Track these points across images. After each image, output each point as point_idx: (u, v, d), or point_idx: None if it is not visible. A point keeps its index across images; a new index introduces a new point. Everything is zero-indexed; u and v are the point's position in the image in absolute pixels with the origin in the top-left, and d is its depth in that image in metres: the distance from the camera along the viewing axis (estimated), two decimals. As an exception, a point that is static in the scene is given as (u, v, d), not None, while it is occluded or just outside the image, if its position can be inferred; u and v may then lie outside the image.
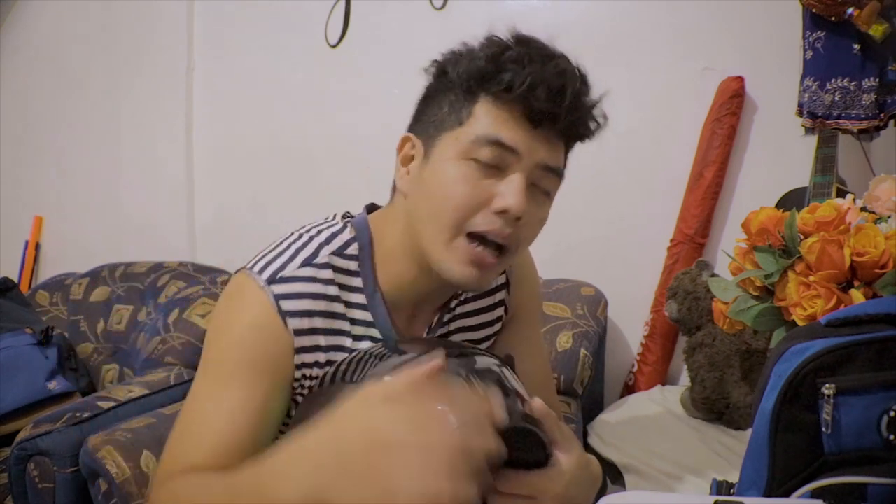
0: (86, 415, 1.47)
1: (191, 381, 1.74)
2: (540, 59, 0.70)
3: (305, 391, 0.79)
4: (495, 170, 0.72)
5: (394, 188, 0.83)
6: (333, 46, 2.18)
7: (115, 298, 2.10)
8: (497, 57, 0.71)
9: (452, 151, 0.73)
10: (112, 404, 1.53)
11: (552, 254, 1.89)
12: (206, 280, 2.04)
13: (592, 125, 0.77)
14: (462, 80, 0.73)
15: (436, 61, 0.78)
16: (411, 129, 0.80)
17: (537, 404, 0.61)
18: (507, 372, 0.71)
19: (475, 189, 0.72)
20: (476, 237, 0.73)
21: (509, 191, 0.71)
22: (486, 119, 0.72)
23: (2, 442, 1.61)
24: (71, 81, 2.61)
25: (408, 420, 0.50)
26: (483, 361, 0.70)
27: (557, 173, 0.76)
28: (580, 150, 2.14)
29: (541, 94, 0.69)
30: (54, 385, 1.76)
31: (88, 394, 1.76)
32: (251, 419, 0.72)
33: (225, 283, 0.79)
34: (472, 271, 0.73)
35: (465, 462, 0.49)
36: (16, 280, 2.38)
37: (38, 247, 2.71)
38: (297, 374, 0.77)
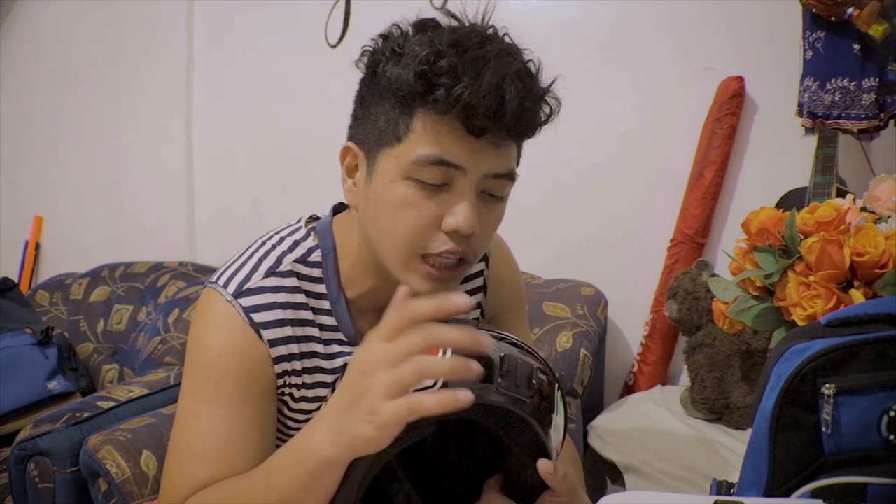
0: (86, 415, 1.47)
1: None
2: (475, 68, 0.64)
3: (287, 398, 0.79)
4: (442, 186, 0.68)
5: None
6: (333, 46, 2.18)
7: (115, 298, 2.10)
8: (427, 72, 0.65)
9: (394, 171, 0.69)
10: (112, 404, 1.53)
11: (552, 254, 1.89)
12: (205, 280, 2.04)
13: (542, 117, 0.71)
14: (394, 90, 0.67)
15: (366, 51, 0.73)
16: (351, 135, 0.76)
17: (543, 466, 0.60)
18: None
19: (422, 212, 0.68)
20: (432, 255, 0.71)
21: (458, 211, 0.68)
22: (426, 136, 0.66)
23: (2, 442, 1.62)
24: (71, 81, 2.61)
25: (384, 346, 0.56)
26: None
27: (509, 177, 0.71)
28: (580, 151, 2.13)
29: (479, 110, 0.64)
30: (54, 385, 1.76)
31: (88, 394, 1.76)
32: (251, 433, 0.72)
33: (205, 283, 0.79)
34: (433, 286, 0.72)
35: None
36: (16, 280, 2.39)
37: (38, 247, 2.71)
38: (280, 382, 0.77)
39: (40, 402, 1.72)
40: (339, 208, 0.86)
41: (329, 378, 0.80)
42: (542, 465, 0.60)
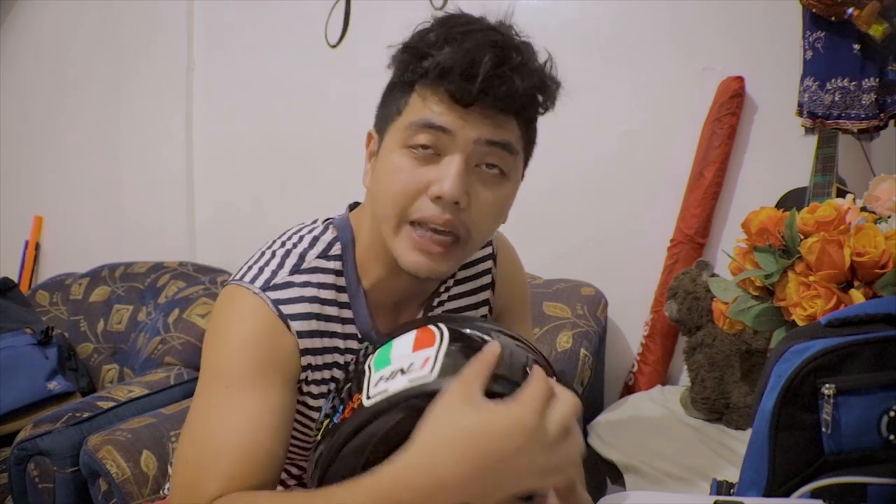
0: (86, 415, 1.47)
1: (191, 380, 1.75)
2: (457, 38, 0.69)
3: (306, 396, 0.79)
4: (434, 155, 0.71)
5: None
6: (333, 46, 2.18)
7: (115, 298, 2.10)
8: (416, 44, 0.71)
9: (394, 142, 0.73)
10: (112, 404, 1.53)
11: (552, 254, 1.89)
12: (206, 280, 2.04)
13: (540, 94, 0.73)
14: (399, 73, 0.73)
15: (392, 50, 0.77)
16: (374, 123, 0.80)
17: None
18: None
19: (412, 177, 0.71)
20: (421, 224, 0.72)
21: (444, 176, 0.70)
22: (418, 105, 0.71)
23: (2, 442, 1.62)
24: (71, 81, 2.61)
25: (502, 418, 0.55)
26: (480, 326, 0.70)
27: (505, 147, 0.72)
28: (580, 151, 2.13)
29: (455, 74, 0.67)
30: (54, 385, 1.76)
31: (88, 394, 1.76)
32: (273, 421, 0.71)
33: (225, 283, 0.79)
34: (420, 258, 0.72)
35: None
36: (16, 280, 2.39)
37: (38, 247, 2.71)
38: (302, 376, 0.77)
39: (40, 402, 1.72)
40: (354, 206, 0.87)
41: (339, 374, 0.80)
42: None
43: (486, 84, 0.67)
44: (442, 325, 0.65)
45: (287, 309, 0.74)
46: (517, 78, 0.69)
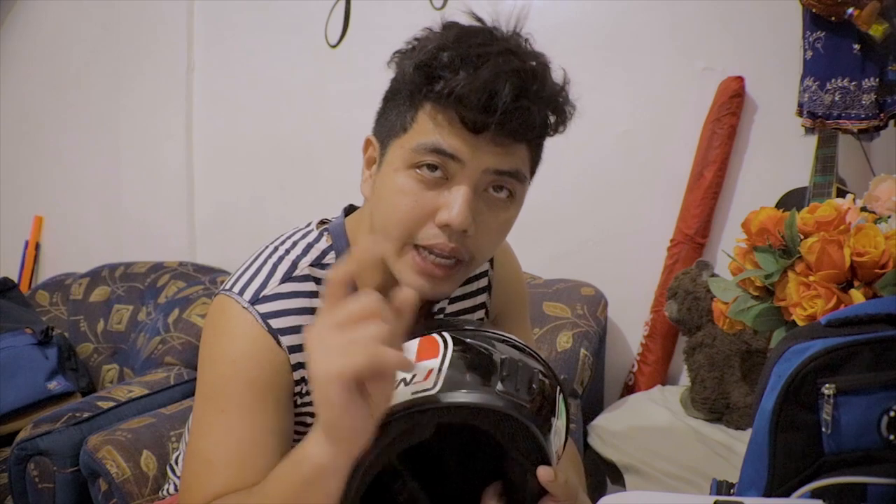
0: (86, 415, 1.47)
1: (191, 381, 1.75)
2: (474, 62, 0.65)
3: (300, 407, 0.78)
4: (441, 179, 0.69)
5: None
6: (333, 46, 2.18)
7: (115, 298, 2.10)
8: (428, 64, 0.67)
9: (399, 161, 0.70)
10: (112, 404, 1.53)
11: (552, 254, 1.89)
12: (206, 280, 2.04)
13: (552, 120, 0.71)
14: (405, 84, 0.70)
15: (396, 52, 0.74)
16: (374, 129, 0.77)
17: (543, 473, 0.60)
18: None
19: (418, 202, 0.69)
20: (425, 248, 0.70)
21: (452, 204, 0.68)
22: (427, 126, 0.68)
23: (2, 442, 1.62)
24: (71, 81, 2.61)
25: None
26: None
27: (514, 176, 0.71)
28: (580, 150, 2.13)
29: (471, 103, 0.65)
30: (54, 385, 1.76)
31: (88, 394, 1.76)
32: (266, 441, 0.71)
33: (220, 288, 0.78)
34: (422, 281, 0.71)
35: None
36: (16, 280, 2.39)
37: (38, 247, 2.71)
38: (297, 389, 0.76)
39: (40, 402, 1.72)
40: (349, 210, 0.86)
41: None
42: (542, 472, 0.60)
43: (505, 116, 0.65)
44: (446, 335, 0.64)
45: (276, 323, 0.73)
46: (535, 109, 0.67)
